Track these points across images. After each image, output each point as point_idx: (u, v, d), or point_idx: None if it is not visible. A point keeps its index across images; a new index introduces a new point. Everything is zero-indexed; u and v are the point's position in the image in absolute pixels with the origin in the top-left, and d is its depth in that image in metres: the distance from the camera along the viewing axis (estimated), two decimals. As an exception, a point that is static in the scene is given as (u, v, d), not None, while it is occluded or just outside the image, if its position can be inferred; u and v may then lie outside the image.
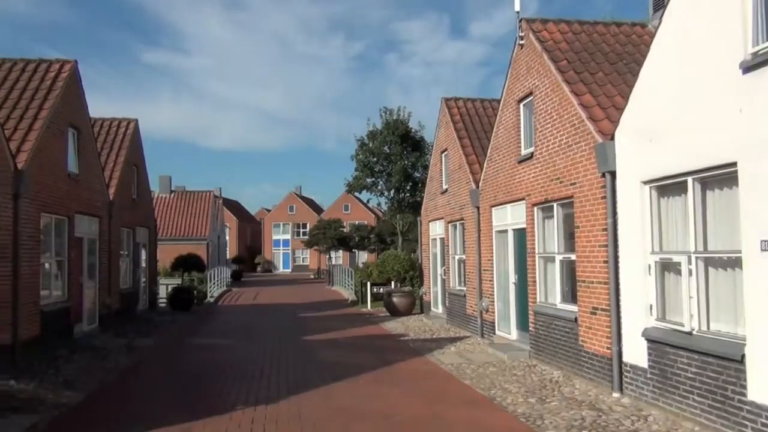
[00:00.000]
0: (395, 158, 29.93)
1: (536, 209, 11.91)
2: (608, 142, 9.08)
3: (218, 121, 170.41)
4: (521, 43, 12.50)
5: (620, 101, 9.65)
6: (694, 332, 7.36)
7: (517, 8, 12.49)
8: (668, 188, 8.04)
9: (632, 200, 8.57)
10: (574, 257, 10.32)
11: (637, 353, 8.50)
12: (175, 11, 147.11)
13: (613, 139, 9.05)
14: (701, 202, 7.38)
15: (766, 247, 6.11)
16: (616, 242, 8.96)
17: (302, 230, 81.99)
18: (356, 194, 41.63)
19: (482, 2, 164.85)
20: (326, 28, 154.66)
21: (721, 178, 7.02)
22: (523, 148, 12.78)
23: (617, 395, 8.80)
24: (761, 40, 6.30)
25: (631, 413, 7.94)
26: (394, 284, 23.61)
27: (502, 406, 8.56)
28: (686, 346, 7.39)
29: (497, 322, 14.35)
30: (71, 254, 15.06)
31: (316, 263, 73.21)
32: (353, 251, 64.15)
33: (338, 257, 67.80)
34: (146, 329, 18.16)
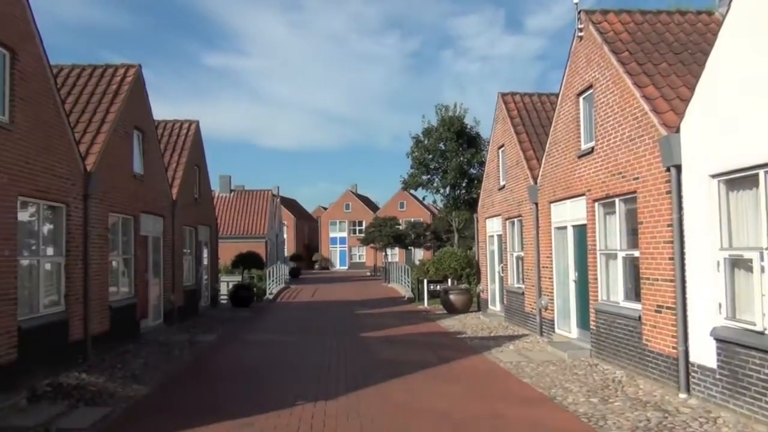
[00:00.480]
0: (451, 155, 29.71)
1: (597, 205, 11.65)
2: (673, 134, 8.79)
3: (276, 120, 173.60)
4: (580, 35, 12.25)
5: (685, 92, 9.33)
6: (766, 332, 7.05)
7: (575, 0, 12.25)
8: (738, 182, 7.71)
9: (699, 195, 8.26)
10: (637, 254, 10.04)
11: (704, 353, 8.20)
12: (234, 15, 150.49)
13: (678, 131, 8.75)
14: (774, 195, 7.06)
15: None
16: (682, 238, 8.66)
17: (358, 228, 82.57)
18: (411, 192, 41.60)
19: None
20: (382, 26, 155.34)
21: (795, 170, 6.70)
22: (583, 142, 12.52)
23: (684, 396, 8.51)
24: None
25: (699, 415, 7.67)
26: (450, 282, 23.50)
27: (563, 405, 8.40)
28: (759, 346, 7.09)
29: (557, 320, 14.11)
30: (137, 252, 15.59)
31: (372, 260, 73.68)
32: (409, 248, 64.23)
33: (394, 254, 67.94)
34: (208, 325, 18.64)
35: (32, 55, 10.31)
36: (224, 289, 27.69)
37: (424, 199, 50.96)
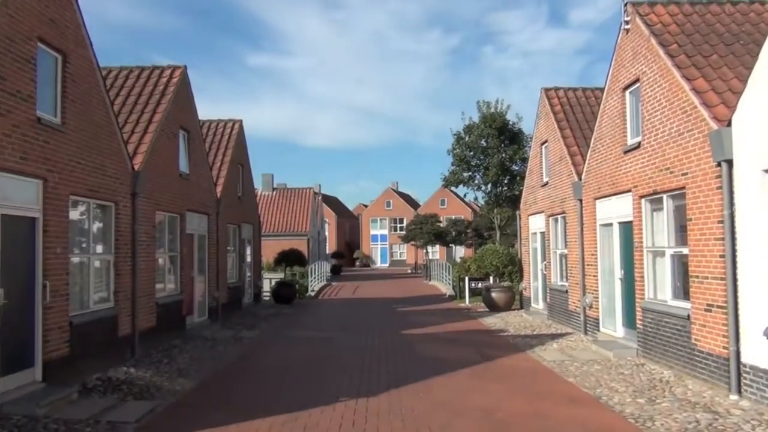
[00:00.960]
0: (492, 152, 29.49)
1: (644, 201, 11.39)
2: (724, 128, 8.53)
3: (317, 119, 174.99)
4: (626, 27, 12.00)
5: (737, 85, 9.04)
6: (824, 332, 6.80)
7: (621, -8, 12.01)
8: (793, 177, 7.45)
9: (752, 190, 8.00)
10: (686, 251, 9.79)
11: (757, 353, 7.94)
12: (278, 15, 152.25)
13: (729, 125, 8.49)
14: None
15: None
16: (733, 235, 8.40)
17: (399, 225, 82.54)
18: (453, 189, 41.45)
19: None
20: (422, 23, 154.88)
21: None
22: (629, 137, 12.25)
23: (735, 398, 8.26)
24: None
25: (751, 417, 7.44)
26: (492, 279, 23.31)
27: (608, 405, 8.25)
28: (816, 347, 6.84)
29: (601, 318, 13.86)
30: (183, 250, 15.89)
31: (413, 258, 73.55)
32: (450, 246, 63.91)
33: (435, 252, 67.67)
34: (252, 322, 18.89)
35: (83, 57, 10.59)
36: (267, 286, 28.03)
37: (465, 196, 50.71)
